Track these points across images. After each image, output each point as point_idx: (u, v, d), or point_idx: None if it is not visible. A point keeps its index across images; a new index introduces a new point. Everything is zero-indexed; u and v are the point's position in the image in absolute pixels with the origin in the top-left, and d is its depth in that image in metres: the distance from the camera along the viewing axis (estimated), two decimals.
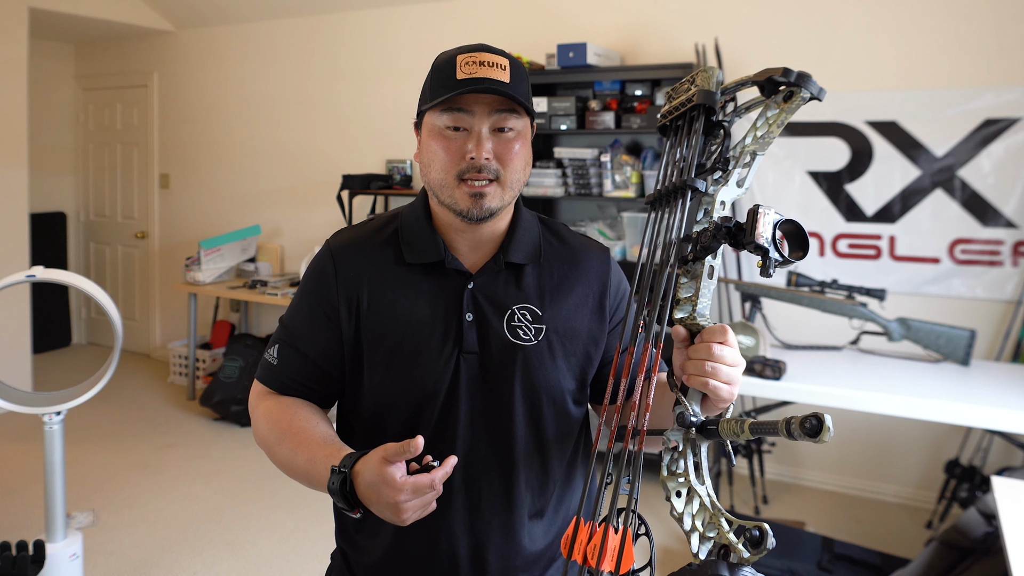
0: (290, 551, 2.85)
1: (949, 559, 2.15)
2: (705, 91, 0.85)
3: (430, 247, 1.06)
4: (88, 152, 5.90)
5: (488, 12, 4.15)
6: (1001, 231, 3.14)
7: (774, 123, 0.80)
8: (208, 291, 4.55)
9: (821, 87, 0.78)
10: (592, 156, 3.59)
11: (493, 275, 1.08)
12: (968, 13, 3.13)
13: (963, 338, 2.63)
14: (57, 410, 2.29)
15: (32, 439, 3.88)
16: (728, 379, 0.82)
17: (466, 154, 0.99)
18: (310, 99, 4.80)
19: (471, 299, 1.06)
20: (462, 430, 1.05)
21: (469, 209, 1.01)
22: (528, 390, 1.06)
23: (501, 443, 1.06)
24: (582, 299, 1.11)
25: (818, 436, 0.64)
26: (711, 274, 0.82)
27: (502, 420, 1.06)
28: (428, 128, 1.03)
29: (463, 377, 1.05)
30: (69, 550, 2.35)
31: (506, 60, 1.01)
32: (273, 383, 1.11)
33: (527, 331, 1.07)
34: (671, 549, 2.94)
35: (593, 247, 1.16)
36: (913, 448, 3.35)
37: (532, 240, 1.11)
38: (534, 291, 1.08)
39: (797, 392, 2.43)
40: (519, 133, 1.03)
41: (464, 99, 0.99)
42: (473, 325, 1.05)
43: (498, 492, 1.07)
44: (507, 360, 1.05)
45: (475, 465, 1.06)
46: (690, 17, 3.64)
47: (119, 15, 4.92)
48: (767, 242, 0.74)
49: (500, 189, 1.01)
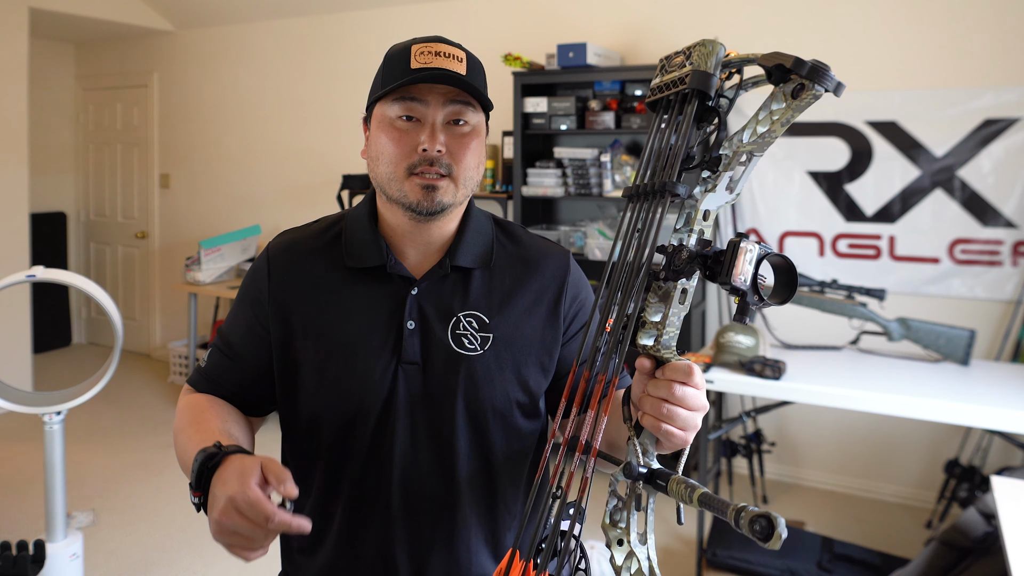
0: None
1: (949, 559, 2.15)
2: (700, 73, 0.70)
3: (372, 251, 1.00)
4: (88, 152, 5.90)
5: (488, 12, 4.15)
6: (1001, 231, 3.14)
7: (778, 120, 0.67)
8: (208, 291, 4.55)
9: (839, 82, 0.64)
10: (592, 156, 3.59)
11: (438, 280, 1.01)
12: (968, 13, 3.13)
13: (963, 338, 2.63)
14: (57, 410, 2.29)
15: (32, 439, 3.89)
16: (684, 425, 0.73)
17: (418, 146, 0.93)
18: (310, 99, 4.80)
19: (414, 306, 0.99)
20: (399, 446, 0.97)
21: (419, 202, 0.94)
22: (472, 404, 0.98)
23: (443, 461, 0.98)
24: (534, 305, 1.03)
25: (768, 541, 0.55)
26: (683, 299, 0.70)
27: (444, 437, 0.98)
28: (378, 119, 0.97)
29: (401, 390, 0.97)
30: (69, 550, 2.35)
31: (463, 52, 0.96)
32: (200, 386, 1.05)
33: (472, 340, 0.99)
34: (671, 549, 2.94)
35: (552, 250, 1.08)
36: (913, 448, 3.35)
37: (483, 243, 1.04)
38: (482, 297, 1.01)
39: (797, 392, 2.43)
40: (474, 128, 0.97)
41: (417, 88, 0.93)
42: (415, 334, 0.98)
43: (441, 514, 0.99)
44: (450, 371, 0.98)
45: (415, 485, 0.98)
46: (690, 17, 3.64)
47: (119, 15, 4.92)
48: (744, 284, 0.64)
49: (453, 185, 0.95)
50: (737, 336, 2.57)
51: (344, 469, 1.00)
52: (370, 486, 0.99)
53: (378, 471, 0.98)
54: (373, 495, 0.99)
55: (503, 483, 1.02)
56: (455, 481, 0.99)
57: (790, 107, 0.66)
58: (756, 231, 3.58)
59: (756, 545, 2.67)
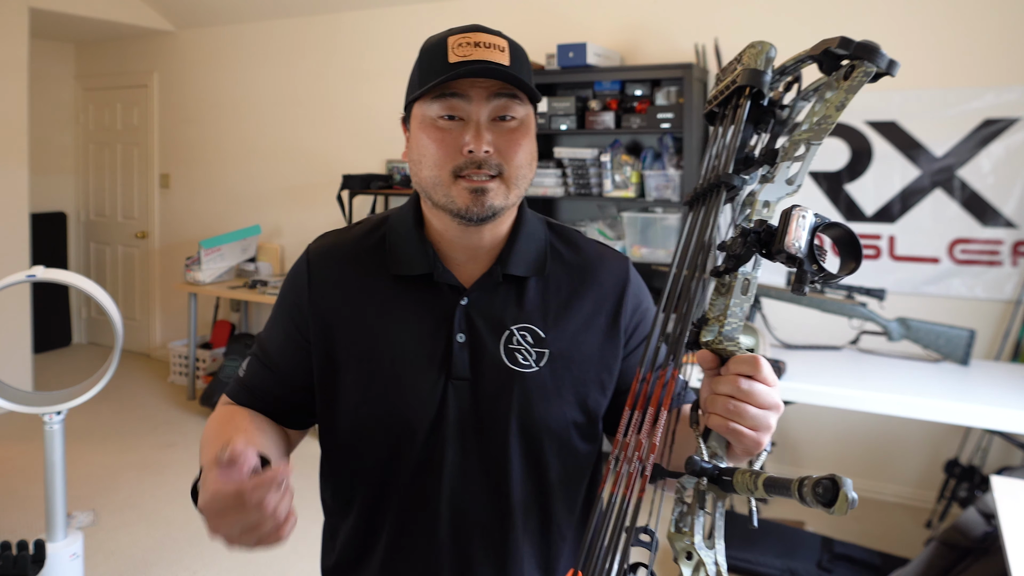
0: (290, 551, 2.85)
1: (949, 559, 2.15)
2: (750, 70, 0.69)
3: (418, 257, 0.93)
4: (88, 152, 5.90)
5: (488, 12, 4.15)
6: (1001, 231, 3.14)
7: (832, 104, 0.65)
8: (208, 291, 4.55)
9: (892, 59, 0.62)
10: (592, 156, 3.59)
11: (490, 290, 0.94)
12: (968, 13, 3.13)
13: (962, 338, 2.63)
14: (57, 410, 2.29)
15: (32, 439, 3.89)
16: (754, 424, 0.66)
17: (463, 147, 0.86)
18: (310, 99, 4.80)
19: (464, 317, 0.92)
20: (449, 468, 0.91)
21: (469, 207, 0.86)
22: (526, 424, 0.91)
23: (495, 484, 0.92)
24: (592, 317, 0.95)
25: (832, 505, 0.53)
26: (745, 289, 0.66)
27: (496, 458, 0.91)
28: (418, 120, 0.90)
29: (451, 408, 0.91)
30: (69, 550, 2.35)
31: (504, 41, 0.89)
32: (237, 396, 1.00)
33: (527, 355, 0.92)
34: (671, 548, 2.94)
35: (610, 256, 1.00)
36: (913, 448, 3.35)
37: (536, 249, 0.96)
38: (537, 309, 0.94)
39: (797, 392, 2.43)
40: (522, 123, 0.89)
41: (458, 84, 0.86)
42: (465, 347, 0.91)
43: (492, 538, 0.92)
44: (503, 389, 0.91)
45: (464, 507, 0.92)
46: (690, 17, 3.64)
47: (119, 15, 4.92)
48: (801, 251, 0.61)
49: (503, 186, 0.88)
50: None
51: (389, 489, 0.94)
52: (417, 507, 0.93)
53: (425, 492, 0.92)
54: (420, 517, 0.93)
55: (558, 507, 0.95)
56: (507, 504, 0.92)
57: (843, 89, 0.64)
58: None
59: (757, 545, 2.67)
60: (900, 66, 0.64)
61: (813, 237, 0.62)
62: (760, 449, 0.68)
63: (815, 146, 0.66)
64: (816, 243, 0.62)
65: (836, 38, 0.63)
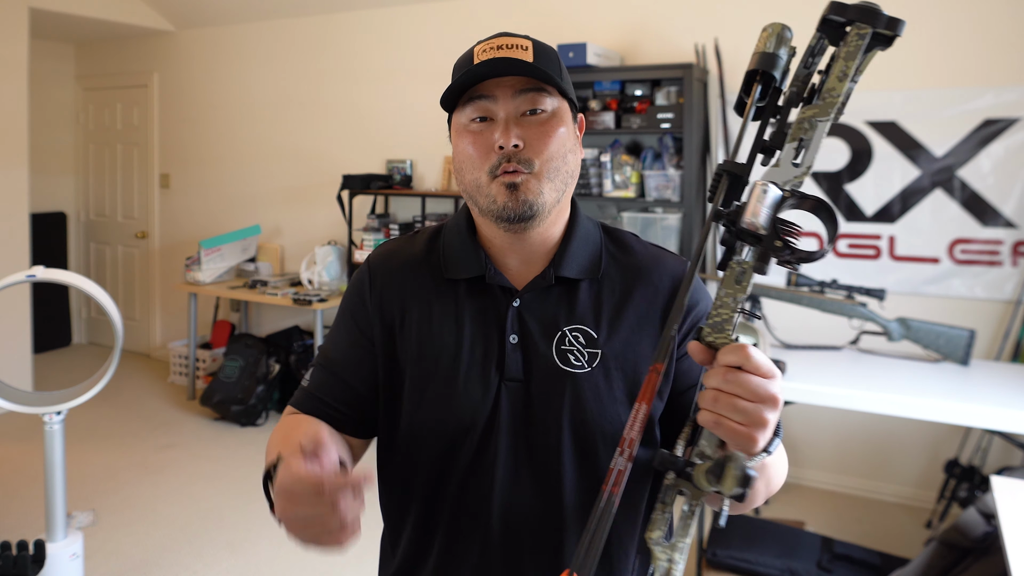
0: (290, 551, 2.85)
1: (949, 559, 2.15)
2: (761, 54, 0.67)
3: (471, 261, 0.94)
4: (88, 152, 5.90)
5: (488, 12, 4.15)
6: (1001, 231, 3.14)
7: (834, 75, 0.62)
8: (208, 291, 4.55)
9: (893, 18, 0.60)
10: (592, 156, 3.59)
11: (542, 292, 0.94)
12: (968, 13, 3.13)
13: (963, 338, 2.63)
14: (57, 410, 2.29)
15: (32, 439, 3.89)
16: (744, 419, 0.63)
17: (494, 144, 0.87)
18: (310, 99, 4.80)
19: (516, 318, 0.93)
20: (501, 470, 0.90)
21: (506, 204, 0.87)
22: (579, 425, 0.90)
23: (547, 487, 0.90)
24: (646, 319, 0.94)
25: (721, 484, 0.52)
26: (738, 279, 0.64)
27: (548, 460, 0.90)
28: (455, 129, 0.93)
29: (504, 408, 0.91)
30: (69, 550, 2.35)
31: (528, 41, 0.90)
32: (302, 404, 0.99)
33: (580, 356, 0.91)
34: None
35: (667, 259, 0.98)
36: (913, 448, 3.35)
37: (591, 252, 0.96)
38: (589, 311, 0.93)
39: (797, 392, 2.43)
40: (554, 114, 0.89)
41: (484, 86, 0.88)
42: (518, 348, 0.92)
43: (545, 545, 0.90)
44: (555, 389, 0.90)
45: (516, 510, 0.91)
46: (690, 17, 3.64)
47: (119, 15, 4.92)
48: (762, 227, 0.60)
49: (536, 181, 0.88)
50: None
51: (443, 493, 0.93)
52: (469, 511, 0.93)
53: (478, 495, 0.92)
54: (472, 520, 0.92)
55: (617, 517, 0.88)
56: (560, 509, 0.90)
57: (841, 57, 0.62)
58: None
59: (757, 545, 2.67)
60: (906, 23, 0.62)
61: (776, 211, 0.60)
62: (755, 447, 0.64)
63: (822, 123, 0.63)
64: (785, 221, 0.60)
65: (828, 4, 0.61)
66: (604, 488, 0.61)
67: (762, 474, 0.81)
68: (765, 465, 0.81)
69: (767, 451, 0.66)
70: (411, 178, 4.39)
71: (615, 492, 0.60)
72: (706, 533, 2.79)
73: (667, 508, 0.61)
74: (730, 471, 0.55)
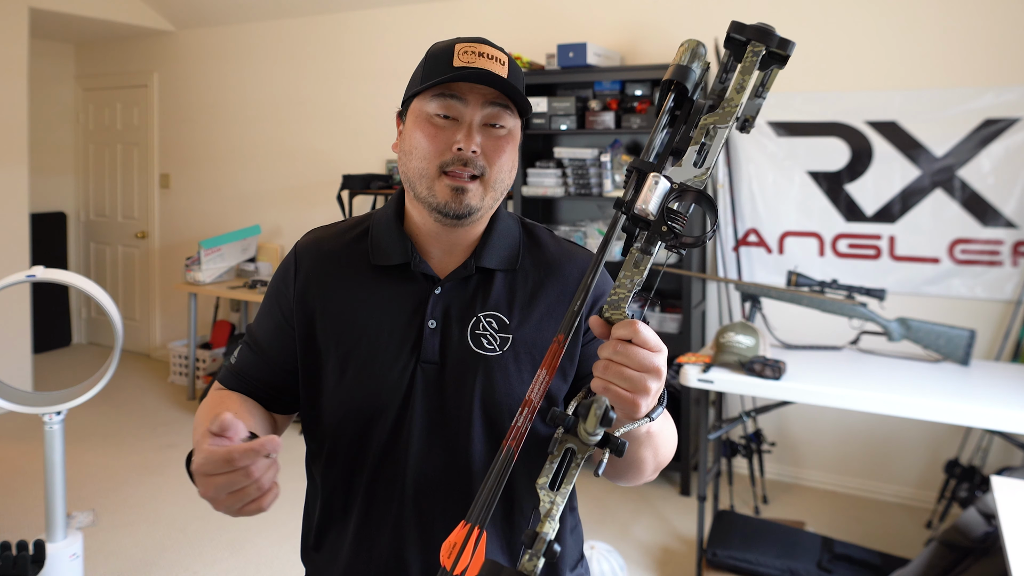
0: (290, 551, 2.85)
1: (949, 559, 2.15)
2: (677, 66, 0.77)
3: (397, 248, 1.00)
4: (88, 152, 5.90)
5: (488, 12, 4.15)
6: (1001, 231, 3.14)
7: (733, 87, 0.71)
8: (208, 291, 4.56)
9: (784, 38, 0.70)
10: (592, 156, 3.59)
11: (462, 280, 1.00)
12: (968, 13, 3.13)
13: (963, 338, 2.63)
14: (57, 410, 2.29)
15: (32, 439, 3.89)
16: (631, 386, 0.71)
17: (453, 144, 0.92)
18: (310, 99, 4.80)
19: (437, 305, 0.98)
20: (414, 447, 0.96)
21: (447, 203, 0.93)
22: (488, 404, 0.96)
23: (457, 461, 0.97)
24: (555, 308, 1.01)
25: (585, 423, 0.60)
26: (637, 263, 0.71)
27: (459, 436, 0.97)
28: (415, 114, 0.96)
29: (418, 389, 0.97)
30: (69, 550, 2.35)
31: (505, 56, 0.96)
32: (227, 381, 1.07)
33: (492, 340, 0.98)
34: (671, 549, 2.94)
35: (578, 253, 1.07)
36: (913, 448, 3.35)
37: (510, 245, 1.03)
38: (504, 299, 1.00)
39: (797, 392, 2.43)
40: (510, 133, 0.96)
41: (458, 86, 0.93)
42: (436, 333, 0.98)
43: (455, 518, 0.95)
44: (467, 371, 0.97)
45: (429, 487, 0.97)
46: (690, 17, 3.64)
47: (119, 15, 4.92)
48: (650, 214, 0.68)
49: (482, 189, 0.95)
50: (737, 336, 2.57)
51: (360, 470, 1.00)
52: (384, 487, 0.99)
53: (392, 472, 0.98)
54: (387, 496, 0.99)
55: (520, 489, 1.00)
56: (470, 485, 0.97)
57: (738, 71, 0.71)
58: (756, 231, 3.58)
59: (757, 545, 2.67)
60: (795, 44, 0.71)
61: (665, 201, 0.69)
62: (638, 412, 0.72)
63: (722, 129, 0.72)
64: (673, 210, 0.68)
65: (730, 24, 0.71)
66: (504, 443, 0.67)
67: (648, 442, 0.89)
68: (650, 433, 0.88)
69: (650, 417, 0.75)
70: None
71: (513, 446, 0.67)
72: (706, 533, 2.79)
73: (554, 459, 0.68)
74: (592, 411, 0.63)
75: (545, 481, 0.67)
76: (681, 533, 3.06)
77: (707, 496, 2.91)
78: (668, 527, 3.10)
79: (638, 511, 3.24)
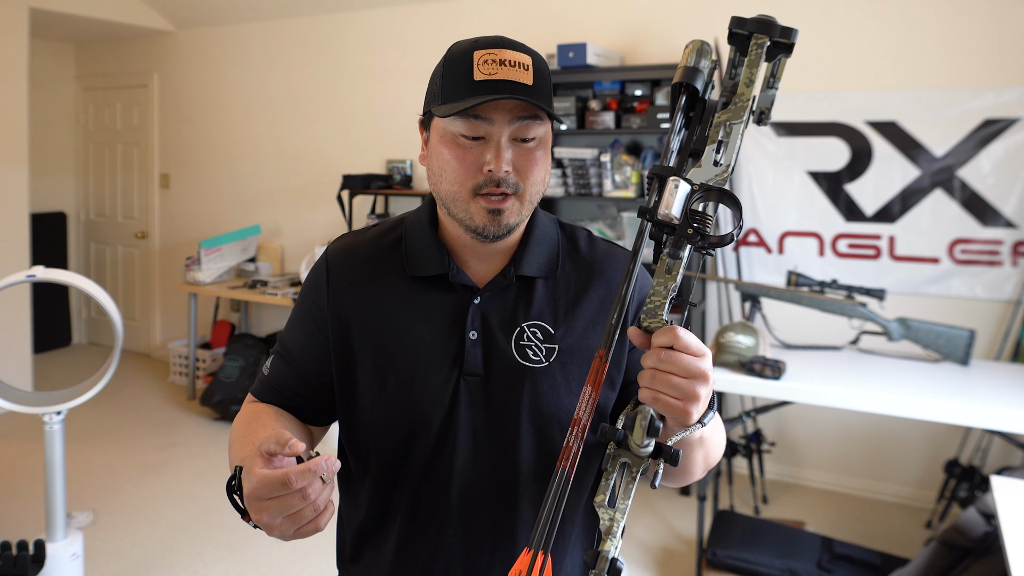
0: (290, 551, 2.85)
1: (949, 559, 2.15)
2: (686, 68, 0.76)
3: (434, 258, 0.96)
4: (88, 152, 5.90)
5: (488, 12, 4.15)
6: (1001, 231, 3.14)
7: (742, 82, 0.71)
8: (208, 291, 4.56)
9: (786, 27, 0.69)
10: (592, 156, 3.59)
11: (502, 289, 0.96)
12: (968, 13, 3.13)
13: (962, 338, 2.63)
14: (57, 410, 2.29)
15: (32, 439, 3.89)
16: (679, 393, 0.69)
17: (483, 166, 0.88)
18: (310, 99, 4.80)
19: (476, 315, 0.95)
20: (460, 462, 0.93)
21: (486, 227, 0.90)
22: (537, 417, 0.93)
23: (505, 474, 0.94)
24: (600, 314, 0.98)
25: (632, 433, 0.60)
26: (668, 269, 0.71)
27: (507, 449, 0.94)
28: (439, 132, 0.91)
29: (463, 402, 0.93)
30: (69, 550, 2.35)
31: (528, 58, 0.89)
32: (261, 394, 1.03)
33: (537, 351, 0.95)
34: (671, 549, 2.94)
35: (619, 254, 1.03)
36: (913, 448, 3.35)
37: (549, 251, 0.99)
38: (547, 307, 0.97)
39: (797, 392, 2.43)
40: (541, 141, 0.91)
41: (483, 106, 0.87)
42: (478, 344, 0.94)
43: (502, 534, 0.94)
44: (514, 383, 0.93)
45: (474, 503, 0.94)
46: (690, 17, 3.64)
47: (119, 15, 4.92)
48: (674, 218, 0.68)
49: (519, 203, 0.91)
50: (737, 336, 2.57)
51: (402, 484, 0.96)
52: (428, 503, 0.96)
53: (437, 488, 0.95)
54: (431, 512, 0.96)
55: (569, 504, 0.96)
56: (517, 500, 0.94)
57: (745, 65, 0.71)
58: (756, 231, 3.58)
59: (757, 545, 2.67)
60: (798, 31, 0.71)
61: (688, 203, 0.68)
62: (690, 419, 0.70)
63: (737, 124, 0.71)
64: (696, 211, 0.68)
65: (731, 19, 0.70)
66: (559, 464, 0.67)
67: (700, 446, 0.87)
68: (703, 438, 0.86)
69: (701, 423, 0.72)
70: (411, 178, 4.39)
71: (568, 467, 0.66)
72: (706, 533, 2.79)
73: (610, 475, 0.68)
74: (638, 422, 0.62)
75: (603, 499, 0.66)
76: (681, 533, 3.06)
77: (707, 496, 2.91)
78: (668, 527, 3.10)
79: (638, 511, 3.24)
